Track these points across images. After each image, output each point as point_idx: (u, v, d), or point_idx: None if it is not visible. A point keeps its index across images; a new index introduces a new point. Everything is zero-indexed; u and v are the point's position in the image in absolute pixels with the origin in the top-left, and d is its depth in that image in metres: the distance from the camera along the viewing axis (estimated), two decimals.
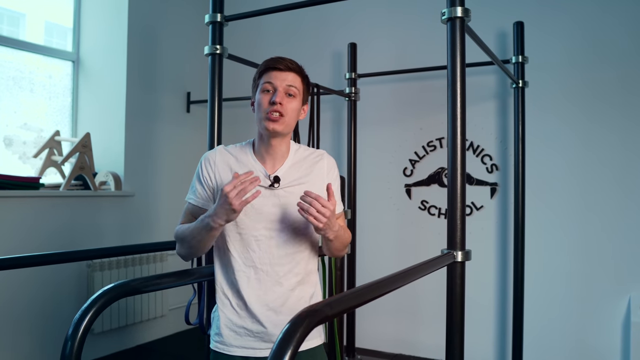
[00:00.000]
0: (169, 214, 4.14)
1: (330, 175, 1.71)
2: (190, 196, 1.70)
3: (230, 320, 1.63)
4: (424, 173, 3.77)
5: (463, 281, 1.83)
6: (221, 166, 1.67)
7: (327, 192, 1.55)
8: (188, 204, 1.71)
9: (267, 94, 1.60)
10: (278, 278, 1.61)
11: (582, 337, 3.25)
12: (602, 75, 3.24)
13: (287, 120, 1.60)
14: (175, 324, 4.15)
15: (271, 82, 1.60)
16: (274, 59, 1.64)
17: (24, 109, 3.61)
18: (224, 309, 1.65)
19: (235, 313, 1.62)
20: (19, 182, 3.16)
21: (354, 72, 3.73)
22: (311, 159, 1.71)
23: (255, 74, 1.68)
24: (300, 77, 1.65)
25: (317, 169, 1.69)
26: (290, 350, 0.87)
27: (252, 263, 1.61)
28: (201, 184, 1.68)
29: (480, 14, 3.51)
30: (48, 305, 3.28)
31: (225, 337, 1.63)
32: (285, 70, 1.61)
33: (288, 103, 1.60)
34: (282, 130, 1.60)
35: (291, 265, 1.63)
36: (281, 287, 1.61)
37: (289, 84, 1.60)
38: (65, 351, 1.08)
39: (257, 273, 1.60)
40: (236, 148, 1.72)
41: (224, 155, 1.69)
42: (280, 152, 1.66)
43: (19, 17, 3.74)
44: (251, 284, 1.60)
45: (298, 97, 1.63)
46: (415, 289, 3.69)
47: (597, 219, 3.24)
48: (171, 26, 4.21)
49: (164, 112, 4.18)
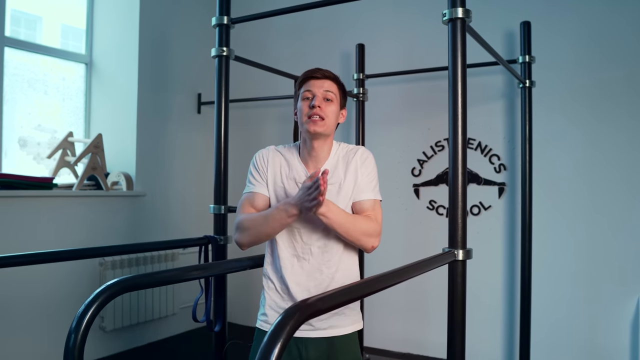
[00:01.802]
0: (180, 214, 4.20)
1: (363, 168, 1.81)
2: (249, 186, 1.86)
3: (274, 302, 1.79)
4: (432, 173, 3.78)
5: (464, 279, 1.85)
6: (272, 163, 1.84)
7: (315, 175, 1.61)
8: (246, 194, 1.85)
9: (307, 101, 1.77)
10: (318, 266, 1.76)
11: (590, 336, 3.24)
12: (609, 75, 3.23)
13: (327, 122, 1.75)
14: (186, 323, 4.20)
15: (310, 89, 1.77)
16: (312, 69, 1.81)
17: (38, 110, 3.68)
18: (269, 291, 1.82)
19: (279, 296, 1.79)
20: (33, 182, 3.23)
21: (362, 72, 3.76)
22: (347, 156, 1.83)
23: (296, 85, 1.86)
24: (336, 84, 1.81)
25: (352, 165, 1.80)
26: (280, 342, 0.90)
27: (295, 252, 1.77)
28: (259, 173, 1.84)
29: (487, 14, 3.53)
30: (62, 302, 3.35)
31: (269, 317, 1.80)
32: (322, 78, 1.78)
33: (327, 107, 1.76)
34: (323, 131, 1.74)
35: (330, 255, 1.77)
36: (321, 274, 1.76)
37: (326, 89, 1.77)
38: (69, 343, 1.12)
39: (300, 261, 1.77)
40: (285, 149, 1.89)
41: (275, 154, 1.86)
42: (322, 154, 1.80)
43: (36, 20, 3.82)
44: (294, 270, 1.76)
45: (335, 101, 1.79)
46: (424, 288, 3.70)
47: (604, 220, 3.23)
48: (182, 28, 4.28)
49: (175, 113, 4.24)
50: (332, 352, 1.76)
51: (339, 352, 1.77)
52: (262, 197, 1.82)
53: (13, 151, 3.50)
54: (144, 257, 3.77)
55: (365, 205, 1.78)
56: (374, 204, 1.80)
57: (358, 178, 1.79)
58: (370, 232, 1.72)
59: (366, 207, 1.78)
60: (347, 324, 1.80)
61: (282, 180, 1.81)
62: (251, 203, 1.82)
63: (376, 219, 1.76)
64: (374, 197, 1.80)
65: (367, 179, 1.80)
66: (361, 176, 1.79)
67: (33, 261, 2.07)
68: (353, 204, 1.80)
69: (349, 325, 1.81)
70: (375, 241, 1.75)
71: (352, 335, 1.82)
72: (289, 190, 1.80)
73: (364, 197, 1.79)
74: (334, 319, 1.77)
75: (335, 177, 1.78)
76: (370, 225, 1.73)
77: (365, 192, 1.79)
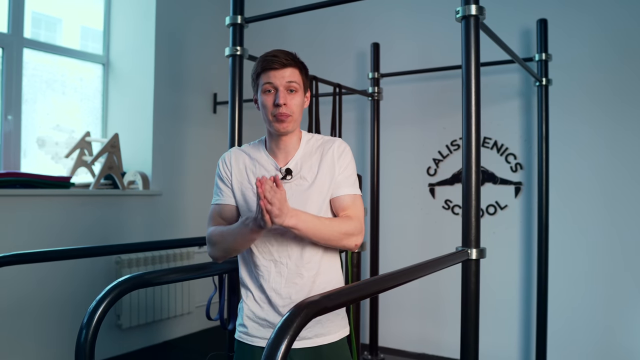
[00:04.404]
0: (196, 213, 4.23)
1: (341, 161, 1.66)
2: (215, 198, 1.73)
3: (253, 313, 1.66)
4: (447, 172, 3.75)
5: (478, 279, 1.84)
6: (235, 166, 1.71)
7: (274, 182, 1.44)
8: (214, 206, 1.73)
9: (269, 95, 1.61)
10: (298, 270, 1.61)
11: (607, 336, 3.19)
12: (626, 76, 3.18)
13: (294, 117, 1.61)
14: (201, 321, 4.22)
15: (271, 82, 1.59)
16: (268, 58, 1.61)
17: (56, 110, 3.73)
18: (247, 301, 1.68)
19: (258, 306, 1.65)
20: (51, 182, 3.28)
21: (376, 71, 3.74)
22: (323, 147, 1.68)
23: (252, 73, 1.67)
24: (298, 68, 1.63)
25: (327, 156, 1.66)
26: (287, 339, 0.90)
27: (272, 257, 1.62)
28: (223, 182, 1.72)
29: (504, 12, 3.50)
30: (79, 299, 3.38)
31: (249, 329, 1.67)
32: (281, 67, 1.59)
33: (292, 100, 1.60)
34: (292, 128, 1.62)
35: (310, 255, 1.62)
36: (302, 278, 1.61)
37: (288, 80, 1.60)
38: (80, 338, 1.13)
39: (278, 266, 1.62)
40: (249, 146, 1.76)
41: (238, 154, 1.73)
42: (291, 144, 1.67)
43: (56, 22, 3.88)
44: (272, 277, 1.62)
45: (300, 90, 1.63)
46: (440, 288, 3.68)
47: (621, 219, 3.18)
48: (197, 28, 4.30)
49: (191, 113, 4.27)
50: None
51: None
52: (229, 207, 1.70)
53: (32, 151, 3.56)
54: (160, 255, 3.80)
55: (345, 200, 1.64)
56: (353, 199, 1.65)
57: (335, 172, 1.64)
58: (350, 232, 1.59)
59: (346, 203, 1.64)
60: (333, 331, 1.66)
61: (250, 181, 1.68)
62: (219, 214, 1.70)
63: (356, 216, 1.63)
64: (354, 192, 1.66)
65: (345, 173, 1.66)
66: (339, 170, 1.64)
67: (49, 258, 2.11)
68: (331, 200, 1.65)
69: (336, 332, 1.67)
70: (358, 239, 1.61)
71: (340, 343, 1.68)
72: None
73: (342, 193, 1.64)
74: (319, 326, 1.63)
75: (307, 169, 1.65)
76: (350, 224, 1.59)
77: (343, 187, 1.64)
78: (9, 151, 3.37)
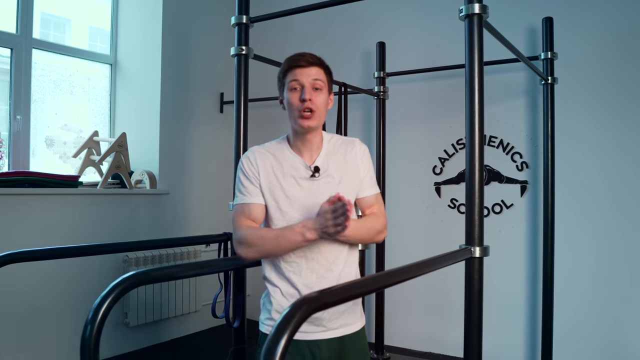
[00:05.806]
0: (202, 212, 4.25)
1: (364, 162, 1.79)
2: (241, 197, 1.74)
3: (281, 307, 1.70)
4: (453, 171, 3.75)
5: (481, 277, 1.84)
6: (262, 165, 1.74)
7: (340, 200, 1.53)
8: (241, 205, 1.74)
9: (296, 92, 1.68)
10: (329, 265, 1.69)
11: (613, 335, 3.18)
12: (631, 75, 3.16)
13: (319, 114, 1.69)
14: (208, 320, 4.24)
15: (297, 79, 1.68)
16: (295, 57, 1.71)
17: (64, 110, 3.77)
18: (275, 295, 1.73)
19: (287, 301, 1.69)
20: (59, 181, 3.31)
21: (382, 71, 3.75)
22: (344, 147, 1.78)
23: (279, 73, 1.75)
24: (323, 69, 1.72)
25: (351, 156, 1.77)
26: (287, 334, 0.91)
27: (303, 253, 1.67)
28: (250, 181, 1.73)
29: (509, 11, 3.50)
30: (86, 297, 3.41)
31: None
32: (308, 66, 1.68)
33: (317, 97, 1.68)
34: (317, 124, 1.69)
35: (338, 250, 1.71)
36: (332, 273, 1.69)
37: (314, 78, 1.68)
38: (85, 334, 1.15)
39: (309, 262, 1.68)
40: (272, 145, 1.80)
41: (263, 154, 1.76)
42: (315, 143, 1.74)
43: (65, 22, 3.92)
44: (304, 273, 1.68)
45: (324, 89, 1.71)
46: (445, 286, 3.68)
47: (627, 219, 3.17)
48: (204, 28, 4.32)
49: (198, 113, 4.29)
50: (342, 351, 1.73)
51: (350, 350, 1.74)
52: (258, 207, 1.72)
53: (40, 150, 3.59)
54: (167, 254, 3.83)
55: (370, 200, 1.80)
56: (377, 197, 1.82)
57: (361, 173, 1.77)
58: (380, 229, 1.76)
59: (371, 203, 1.80)
60: (355, 321, 1.78)
61: (278, 179, 1.71)
62: (247, 215, 1.71)
63: (382, 212, 1.79)
64: (377, 191, 1.82)
65: (369, 175, 1.80)
66: (364, 171, 1.78)
67: (57, 255, 2.13)
68: (357, 201, 1.79)
69: (357, 322, 1.79)
70: (385, 233, 1.79)
71: (360, 332, 1.80)
72: (287, 188, 1.70)
73: (367, 194, 1.79)
74: (344, 317, 1.72)
75: (333, 167, 1.74)
76: (378, 221, 1.76)
77: (368, 188, 1.79)
78: (18, 150, 3.41)
